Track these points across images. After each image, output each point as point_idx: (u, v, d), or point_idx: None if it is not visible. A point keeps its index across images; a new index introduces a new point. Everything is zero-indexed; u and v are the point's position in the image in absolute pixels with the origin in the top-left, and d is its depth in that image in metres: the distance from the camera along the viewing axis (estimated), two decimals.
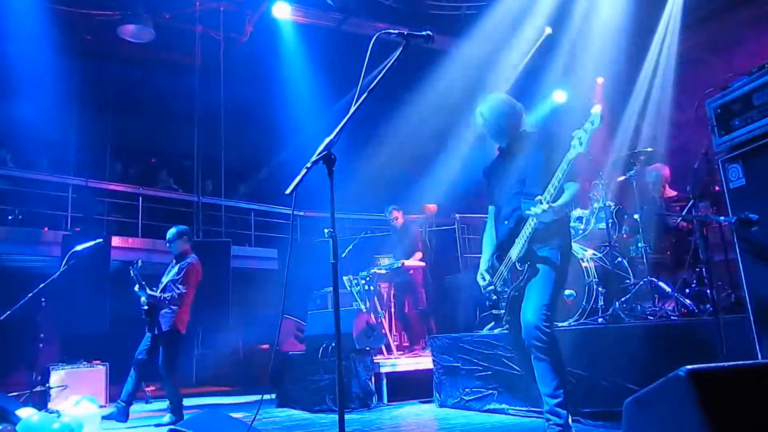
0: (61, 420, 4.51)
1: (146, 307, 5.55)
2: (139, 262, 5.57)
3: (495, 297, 3.31)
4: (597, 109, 2.80)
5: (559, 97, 10.08)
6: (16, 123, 8.76)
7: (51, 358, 7.29)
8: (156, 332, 5.58)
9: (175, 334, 5.57)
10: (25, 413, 4.54)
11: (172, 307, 5.55)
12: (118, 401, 5.60)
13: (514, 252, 3.12)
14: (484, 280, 3.33)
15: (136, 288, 5.50)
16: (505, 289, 3.23)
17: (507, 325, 3.41)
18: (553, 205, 2.89)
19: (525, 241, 3.05)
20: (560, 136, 3.16)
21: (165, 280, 5.72)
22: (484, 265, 3.37)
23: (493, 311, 3.36)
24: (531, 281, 3.05)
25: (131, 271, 5.48)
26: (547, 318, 2.93)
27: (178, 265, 5.73)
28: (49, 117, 8.91)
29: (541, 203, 2.87)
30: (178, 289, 5.56)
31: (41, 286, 5.47)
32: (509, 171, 3.28)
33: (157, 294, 5.57)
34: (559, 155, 2.98)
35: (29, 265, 8.86)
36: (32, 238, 8.65)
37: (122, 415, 5.55)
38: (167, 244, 5.89)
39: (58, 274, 5.59)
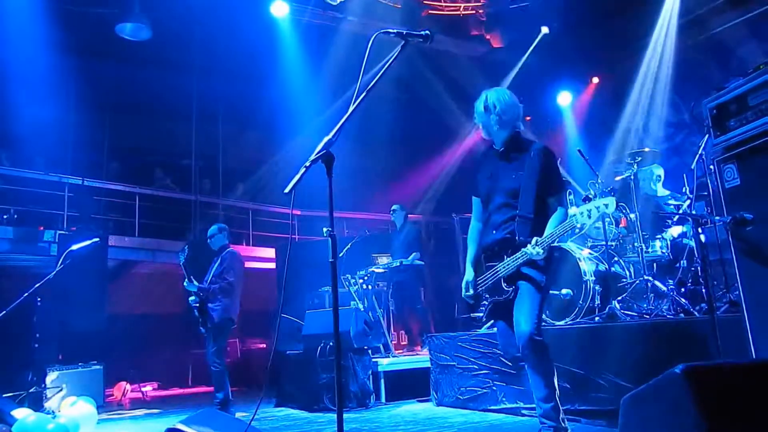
0: (57, 420, 4.50)
1: (197, 304, 5.54)
2: (186, 248, 5.55)
3: (474, 299, 3.34)
4: (612, 201, 2.90)
5: (564, 99, 10.08)
6: (12, 121, 8.73)
7: (47, 359, 7.28)
8: (208, 325, 5.56)
9: (228, 324, 5.58)
10: (21, 414, 4.54)
11: (223, 298, 5.54)
12: (215, 401, 5.54)
13: (502, 269, 3.16)
14: (468, 290, 3.35)
15: (185, 283, 5.50)
16: (486, 296, 3.26)
17: (494, 328, 3.45)
18: (545, 244, 2.97)
19: (515, 266, 3.09)
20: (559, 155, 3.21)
21: (209, 276, 5.71)
22: (470, 271, 3.38)
23: (471, 314, 3.40)
24: (520, 291, 3.09)
25: (180, 259, 5.47)
26: (539, 326, 2.99)
27: (220, 257, 5.75)
28: (46, 115, 8.88)
29: (538, 247, 2.95)
30: (227, 279, 5.56)
31: (37, 285, 5.45)
32: (503, 176, 3.27)
33: (206, 286, 5.57)
34: (555, 177, 3.08)
35: (25, 265, 8.83)
36: (28, 237, 8.62)
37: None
38: (208, 240, 5.91)
39: (54, 273, 5.58)
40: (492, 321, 3.34)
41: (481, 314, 3.31)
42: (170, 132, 11.50)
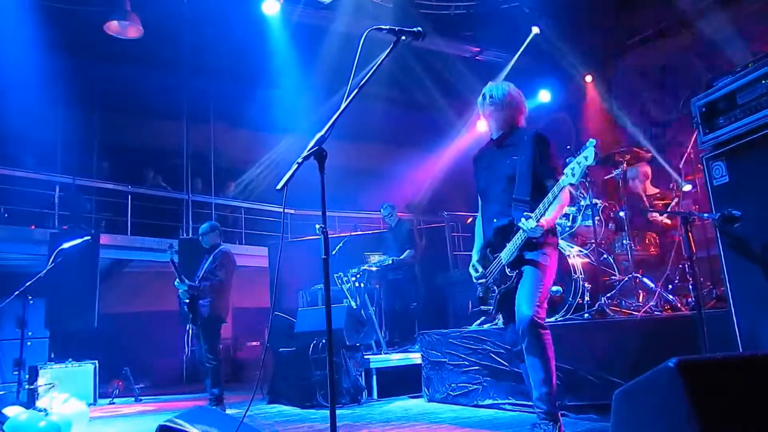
0: (49, 418, 4.48)
1: (187, 301, 5.56)
2: (174, 245, 5.56)
3: (484, 292, 3.36)
4: (592, 141, 2.84)
5: (544, 96, 10.12)
6: (1, 121, 8.67)
7: (39, 357, 7.25)
8: (198, 322, 5.59)
9: (216, 321, 5.59)
10: (13, 412, 4.52)
11: (212, 296, 5.56)
12: (209, 398, 5.57)
13: (505, 256, 3.18)
14: (477, 271, 3.37)
15: (176, 282, 5.52)
16: (494, 288, 3.28)
17: (499, 322, 3.47)
18: (543, 223, 2.99)
19: (516, 248, 3.11)
20: (555, 142, 3.23)
21: (200, 273, 5.74)
22: (476, 256, 3.41)
23: (482, 307, 3.42)
24: (523, 278, 3.11)
25: (169, 256, 5.47)
26: (541, 309, 3.00)
27: (212, 255, 5.77)
28: (35, 114, 8.83)
29: (531, 219, 2.96)
30: (216, 276, 5.57)
31: (28, 284, 5.45)
32: (499, 164, 3.30)
33: (196, 283, 5.58)
34: (550, 161, 3.08)
35: (17, 263, 8.80)
36: (20, 236, 8.58)
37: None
38: (200, 238, 5.94)
39: (44, 272, 5.57)
40: (501, 313, 3.35)
41: (491, 307, 3.34)
42: (161, 131, 11.45)
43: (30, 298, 5.94)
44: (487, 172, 3.37)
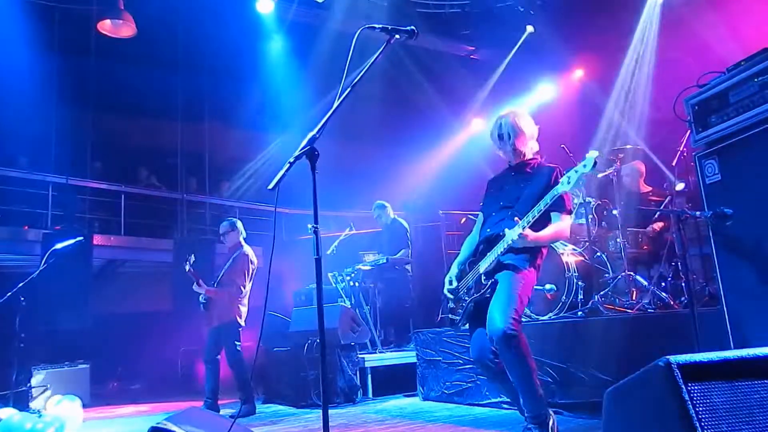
0: (43, 420, 4.47)
1: (203, 302, 5.58)
2: (192, 257, 5.56)
3: (455, 302, 3.33)
4: (593, 154, 2.82)
5: (538, 94, 10.09)
6: None
7: (33, 358, 7.21)
8: (215, 326, 5.59)
9: (233, 326, 5.58)
10: (6, 413, 4.50)
11: (228, 301, 5.56)
12: (205, 399, 5.57)
13: (483, 265, 3.16)
14: (451, 284, 3.37)
15: (195, 286, 5.52)
16: (466, 298, 3.26)
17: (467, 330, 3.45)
18: (529, 233, 2.95)
19: (495, 257, 3.09)
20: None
21: (220, 275, 5.74)
22: (454, 269, 3.40)
23: (450, 315, 3.40)
24: (498, 286, 3.06)
25: (186, 267, 5.46)
26: (514, 322, 2.90)
27: (232, 257, 5.76)
28: (28, 114, 8.78)
29: (517, 226, 2.94)
30: (234, 283, 5.58)
31: (20, 285, 5.42)
32: (511, 187, 3.32)
33: (213, 288, 5.59)
34: (563, 196, 3.06)
35: (9, 264, 8.74)
36: (12, 237, 8.53)
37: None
38: (221, 237, 5.92)
39: (37, 272, 5.54)
40: (468, 323, 3.31)
41: (458, 317, 3.29)
42: (155, 130, 11.40)
43: (23, 299, 5.92)
44: (498, 192, 3.38)
